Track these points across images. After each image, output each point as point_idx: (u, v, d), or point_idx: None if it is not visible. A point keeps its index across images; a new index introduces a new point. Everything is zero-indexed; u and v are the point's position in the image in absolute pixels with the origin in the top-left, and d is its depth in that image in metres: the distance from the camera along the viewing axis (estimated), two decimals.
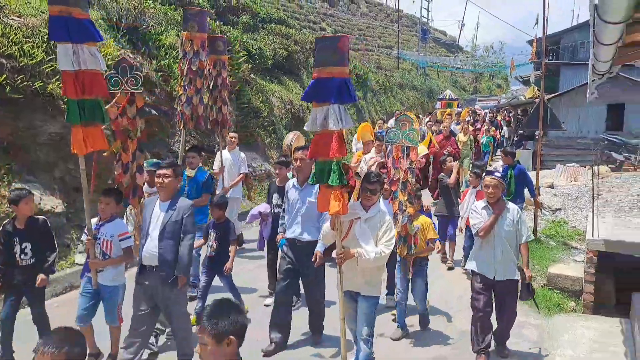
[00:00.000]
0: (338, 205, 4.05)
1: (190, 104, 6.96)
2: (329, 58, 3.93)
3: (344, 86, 3.93)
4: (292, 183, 5.46)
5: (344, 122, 3.97)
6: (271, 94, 15.26)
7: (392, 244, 4.32)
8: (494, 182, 4.91)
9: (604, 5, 2.77)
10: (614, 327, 5.72)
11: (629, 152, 15.73)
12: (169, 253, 4.56)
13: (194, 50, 6.74)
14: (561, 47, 28.15)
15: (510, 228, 4.89)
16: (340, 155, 4.01)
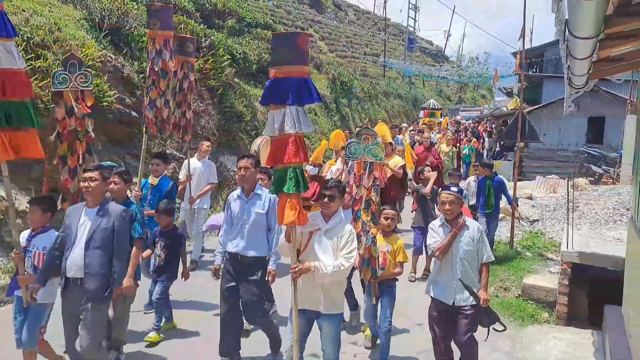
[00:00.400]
0: (293, 215, 3.78)
1: (153, 107, 6.53)
2: (287, 56, 3.67)
3: (303, 86, 3.67)
4: (237, 194, 4.99)
5: (302, 125, 3.73)
6: (254, 99, 15.23)
7: (352, 257, 4.02)
8: (451, 197, 4.54)
9: (573, 20, 2.80)
10: (585, 338, 5.76)
11: (607, 166, 15.96)
12: (97, 265, 4.15)
13: (157, 49, 6.30)
14: (545, 60, 28.51)
15: (470, 247, 4.50)
16: (297, 161, 3.75)
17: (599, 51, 4.38)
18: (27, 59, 7.81)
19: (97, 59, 9.08)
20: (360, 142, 4.83)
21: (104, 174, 4.36)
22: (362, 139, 4.86)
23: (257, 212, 4.82)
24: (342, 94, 23.36)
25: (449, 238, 4.51)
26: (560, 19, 3.00)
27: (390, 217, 5.21)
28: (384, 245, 5.17)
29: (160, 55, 6.33)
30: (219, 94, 12.95)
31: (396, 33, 53.54)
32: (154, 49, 6.31)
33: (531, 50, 28.62)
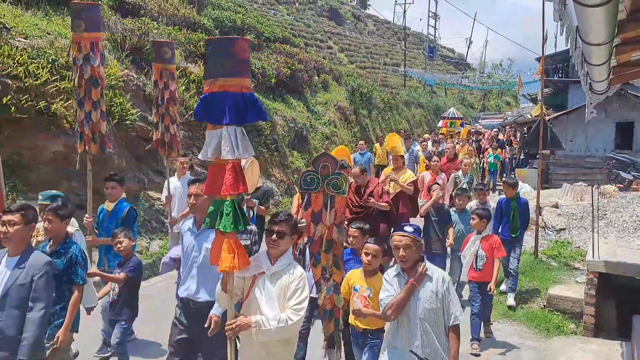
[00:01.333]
0: (231, 260, 3.11)
1: (89, 121, 5.57)
2: (222, 67, 3.05)
3: (241, 103, 3.07)
4: (188, 225, 4.24)
5: (240, 149, 3.09)
6: (274, 113, 15.33)
7: (302, 309, 3.31)
8: (405, 240, 3.56)
9: (583, 27, 2.76)
10: (613, 350, 5.61)
11: (637, 172, 15.57)
12: (12, 327, 3.50)
13: (83, 54, 5.38)
14: (570, 65, 28.09)
15: (433, 305, 3.51)
16: (235, 193, 3.09)
17: (617, 56, 4.31)
18: (52, 80, 8.03)
19: (120, 79, 9.27)
20: (318, 171, 4.06)
21: (27, 215, 3.70)
22: (320, 167, 4.07)
23: (209, 248, 3.76)
24: (362, 105, 23.37)
25: (404, 292, 3.54)
26: (569, 26, 2.95)
27: (372, 253, 4.22)
28: (364, 289, 4.27)
29: (88, 61, 5.42)
30: None
31: (416, 42, 53.52)
32: (80, 55, 5.40)
33: (555, 55, 28.23)
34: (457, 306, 3.56)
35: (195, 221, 4.17)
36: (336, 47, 38.60)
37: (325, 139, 17.95)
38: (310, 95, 19.73)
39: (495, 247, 5.93)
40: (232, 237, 3.14)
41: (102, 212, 5.80)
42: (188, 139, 10.81)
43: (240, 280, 3.41)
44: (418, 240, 3.61)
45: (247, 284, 3.43)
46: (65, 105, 8.02)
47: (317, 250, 4.09)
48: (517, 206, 7.14)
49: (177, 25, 14.53)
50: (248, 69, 3.19)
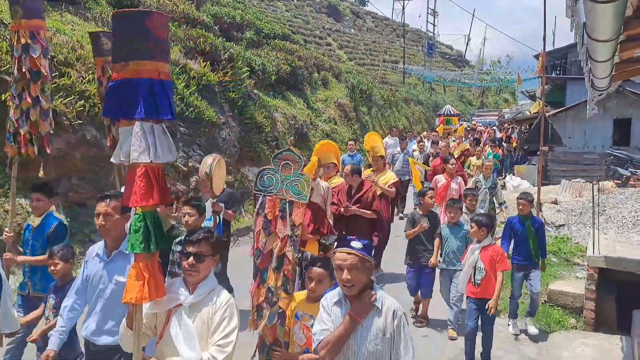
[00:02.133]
0: (139, 289, 2.53)
1: (27, 120, 4.74)
2: (134, 47, 2.44)
3: (161, 92, 2.51)
4: (96, 250, 3.49)
5: (158, 150, 2.52)
6: (274, 110, 15.34)
7: (230, 344, 2.73)
8: (350, 260, 2.73)
9: (591, 24, 2.77)
10: (614, 344, 5.64)
11: (635, 168, 15.63)
12: None
13: (22, 44, 4.64)
14: (568, 62, 28.16)
15: (379, 346, 2.73)
16: (147, 204, 2.53)
17: (620, 53, 4.33)
18: (52, 77, 8.01)
19: None
20: (278, 170, 3.49)
21: None
22: (280, 166, 3.50)
23: (120, 280, 3.24)
24: (362, 102, 23.39)
25: (343, 328, 2.73)
26: (578, 23, 2.97)
27: (316, 278, 3.35)
28: (307, 317, 3.43)
29: (27, 52, 4.65)
30: (239, 105, 13.08)
31: (415, 39, 53.52)
32: (19, 45, 4.66)
33: (554, 52, 28.31)
34: (408, 351, 2.74)
35: (106, 246, 3.43)
36: (335, 44, 38.59)
37: (326, 136, 17.97)
38: (310, 93, 19.73)
39: (498, 258, 5.22)
40: (142, 259, 2.58)
41: (28, 228, 4.86)
42: (188, 136, 10.81)
43: (152, 315, 2.78)
44: (368, 259, 2.79)
45: (162, 320, 2.79)
46: (65, 102, 8.00)
47: (264, 267, 3.45)
48: (531, 226, 6.17)
49: (176, 21, 14.50)
50: (167, 50, 2.62)
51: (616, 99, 16.72)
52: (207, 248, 2.82)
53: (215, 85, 12.35)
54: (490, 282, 5.19)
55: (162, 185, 2.59)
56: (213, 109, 11.81)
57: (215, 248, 2.89)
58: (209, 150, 11.29)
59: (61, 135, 7.94)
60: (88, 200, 8.22)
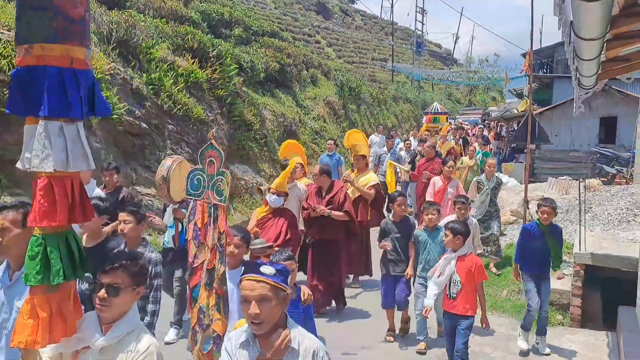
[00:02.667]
0: (30, 331, 2.00)
1: None
2: (37, 25, 1.94)
3: (73, 84, 2.01)
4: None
5: (68, 157, 2.01)
6: (263, 107, 15.31)
7: None
8: (260, 289, 2.23)
9: (578, 22, 2.80)
10: (600, 340, 5.72)
11: (620, 166, 15.80)
12: None
13: None
14: (555, 60, 28.37)
15: None
16: (50, 225, 2.00)
17: (607, 51, 4.37)
18: None
19: (107, 72, 9.18)
20: (204, 168, 3.09)
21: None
22: (206, 163, 3.09)
23: None
24: (351, 99, 23.41)
25: None
26: (565, 21, 2.99)
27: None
28: None
29: None
30: (227, 103, 13.03)
31: (404, 37, 53.62)
32: None
33: (541, 50, 28.50)
34: None
35: (8, 267, 2.85)
36: (324, 42, 38.56)
37: (315, 134, 17.97)
38: (299, 90, 19.72)
39: (475, 270, 4.71)
40: (38, 293, 2.02)
41: None
42: (177, 134, 10.76)
43: (57, 355, 2.24)
44: (282, 288, 2.26)
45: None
46: None
47: (195, 283, 3.02)
48: (550, 234, 5.54)
49: (164, 18, 14.40)
50: (83, 32, 2.07)
51: (602, 97, 16.88)
52: (125, 279, 2.30)
53: (203, 82, 12.29)
54: (467, 296, 4.70)
55: (75, 201, 2.05)
56: (201, 107, 11.76)
57: (137, 278, 2.37)
58: (197, 148, 11.24)
59: None
60: None
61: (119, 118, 9.11)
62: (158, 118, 10.37)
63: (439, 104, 21.36)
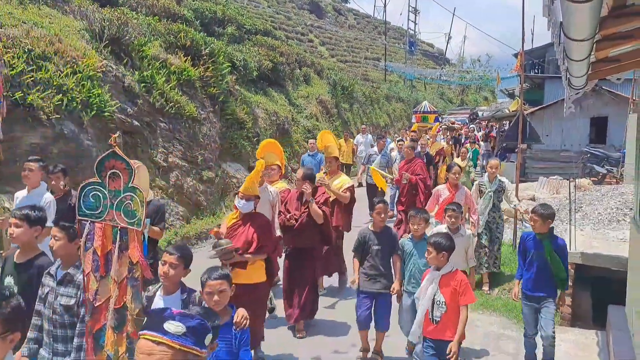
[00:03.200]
0: None
1: None
2: None
3: None
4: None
5: None
6: (256, 105, 15.30)
7: None
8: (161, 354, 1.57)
9: (567, 23, 2.81)
10: (590, 339, 5.76)
11: (611, 165, 15.90)
12: None
13: None
14: (546, 61, 28.51)
15: None
16: None
17: (597, 52, 4.40)
18: (28, 71, 7.89)
19: (99, 69, 9.13)
20: (105, 184, 2.57)
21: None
22: (106, 176, 2.56)
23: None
24: (343, 98, 23.42)
25: None
26: (554, 22, 3.01)
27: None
28: None
29: None
30: (220, 101, 13.00)
31: (397, 36, 53.68)
32: None
33: (532, 51, 28.64)
34: None
35: None
36: (317, 41, 38.53)
37: (307, 133, 17.97)
38: (292, 89, 19.71)
39: (461, 290, 4.18)
40: None
41: None
42: (169, 132, 10.73)
43: None
44: (194, 352, 1.62)
45: None
46: (42, 96, 7.87)
47: (99, 326, 2.54)
48: (551, 247, 4.87)
49: (156, 16, 14.35)
50: None
51: (593, 97, 16.98)
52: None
53: (196, 80, 12.25)
54: (452, 320, 4.18)
55: None
56: (194, 104, 11.73)
57: (9, 323, 1.91)
58: (190, 146, 11.22)
59: (37, 129, 7.82)
60: None
61: (111, 116, 9.07)
62: (150, 116, 10.33)
63: (428, 103, 20.86)
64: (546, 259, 4.86)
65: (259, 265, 4.88)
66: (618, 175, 14.98)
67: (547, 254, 4.86)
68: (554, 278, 4.90)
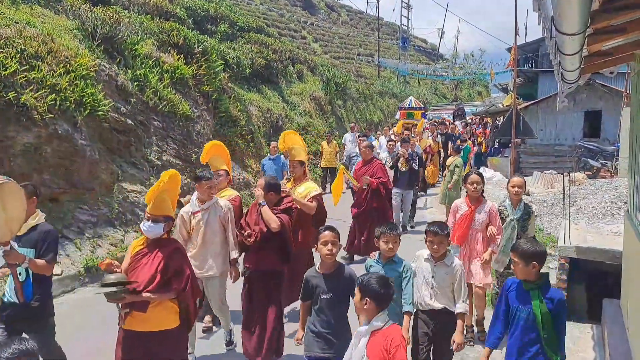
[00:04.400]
0: None
1: None
2: None
3: None
4: None
5: None
6: (249, 103, 15.28)
7: None
8: None
9: (558, 17, 2.82)
10: (584, 332, 5.78)
11: (605, 159, 15.97)
12: None
13: None
14: (540, 55, 28.59)
15: None
16: None
17: (589, 46, 4.41)
18: (21, 71, 7.85)
19: (91, 68, 9.09)
20: None
21: None
22: None
23: None
24: (337, 95, 23.41)
25: None
26: (545, 16, 3.02)
27: None
28: None
29: None
30: (213, 99, 12.98)
31: (390, 32, 53.66)
32: None
33: (526, 45, 28.72)
34: None
35: None
36: (310, 37, 38.48)
37: (301, 130, 17.96)
38: (285, 86, 19.68)
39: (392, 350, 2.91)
40: None
41: None
42: (162, 130, 10.69)
43: None
44: None
45: None
46: (36, 96, 7.84)
47: None
48: (542, 300, 3.43)
49: (149, 14, 14.30)
50: None
51: (586, 91, 17.05)
52: None
53: (189, 78, 12.22)
54: None
55: None
56: (187, 103, 11.70)
57: None
58: (183, 144, 11.20)
59: (31, 129, 7.78)
60: (60, 196, 8.08)
61: (105, 115, 9.04)
62: (143, 114, 10.30)
63: (414, 98, 20.11)
64: (532, 317, 3.42)
65: (166, 307, 3.74)
66: (612, 169, 15.04)
67: (533, 310, 3.41)
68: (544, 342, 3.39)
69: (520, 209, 5.74)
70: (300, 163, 6.17)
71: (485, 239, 5.44)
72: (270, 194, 4.91)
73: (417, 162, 10.46)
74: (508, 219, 5.71)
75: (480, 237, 5.49)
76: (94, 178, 8.63)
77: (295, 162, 6.20)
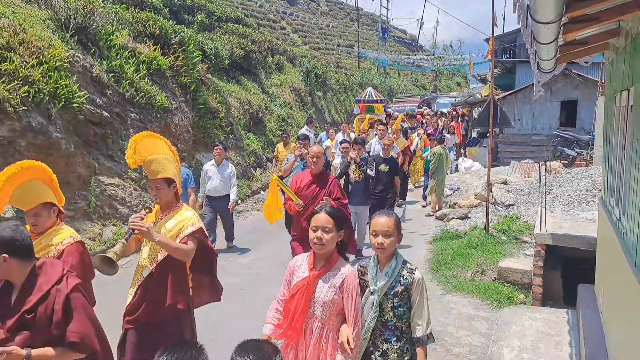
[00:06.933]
0: None
1: None
2: None
3: None
4: None
5: None
6: (228, 94, 15.16)
7: None
8: None
9: (534, 5, 2.83)
10: (560, 317, 5.88)
11: (580, 148, 16.23)
12: None
13: None
14: (517, 45, 28.83)
15: None
16: None
17: (564, 35, 4.45)
18: None
19: (65, 60, 8.92)
20: None
21: None
22: None
23: None
24: (317, 86, 23.36)
25: None
26: (521, 5, 3.03)
27: None
28: None
29: None
30: (191, 90, 12.84)
31: (369, 23, 53.60)
32: None
33: (504, 36, 28.97)
34: None
35: None
36: (289, 28, 38.27)
37: (281, 121, 17.89)
38: (264, 77, 19.57)
39: None
40: None
41: None
42: (140, 122, 10.56)
43: None
44: None
45: None
46: (8, 88, 7.66)
47: None
48: None
49: (123, 4, 14.07)
50: None
51: (563, 81, 17.27)
52: None
53: (166, 69, 12.06)
54: None
55: None
56: (165, 94, 11.56)
57: None
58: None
59: (4, 122, 7.62)
60: None
61: (79, 107, 8.88)
62: (120, 106, 10.15)
63: (373, 90, 17.79)
64: None
65: None
66: (588, 158, 15.29)
67: None
68: None
69: (390, 271, 3.09)
70: (166, 182, 3.85)
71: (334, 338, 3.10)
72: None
73: (373, 167, 8.45)
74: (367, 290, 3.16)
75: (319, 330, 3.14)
76: (70, 172, 8.49)
77: (157, 181, 3.83)
